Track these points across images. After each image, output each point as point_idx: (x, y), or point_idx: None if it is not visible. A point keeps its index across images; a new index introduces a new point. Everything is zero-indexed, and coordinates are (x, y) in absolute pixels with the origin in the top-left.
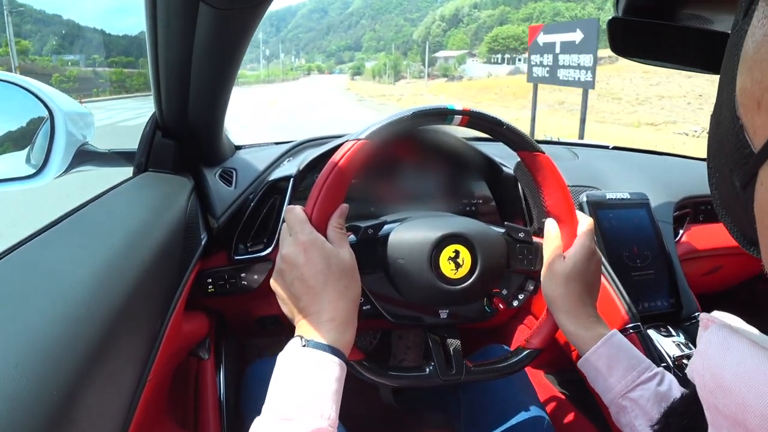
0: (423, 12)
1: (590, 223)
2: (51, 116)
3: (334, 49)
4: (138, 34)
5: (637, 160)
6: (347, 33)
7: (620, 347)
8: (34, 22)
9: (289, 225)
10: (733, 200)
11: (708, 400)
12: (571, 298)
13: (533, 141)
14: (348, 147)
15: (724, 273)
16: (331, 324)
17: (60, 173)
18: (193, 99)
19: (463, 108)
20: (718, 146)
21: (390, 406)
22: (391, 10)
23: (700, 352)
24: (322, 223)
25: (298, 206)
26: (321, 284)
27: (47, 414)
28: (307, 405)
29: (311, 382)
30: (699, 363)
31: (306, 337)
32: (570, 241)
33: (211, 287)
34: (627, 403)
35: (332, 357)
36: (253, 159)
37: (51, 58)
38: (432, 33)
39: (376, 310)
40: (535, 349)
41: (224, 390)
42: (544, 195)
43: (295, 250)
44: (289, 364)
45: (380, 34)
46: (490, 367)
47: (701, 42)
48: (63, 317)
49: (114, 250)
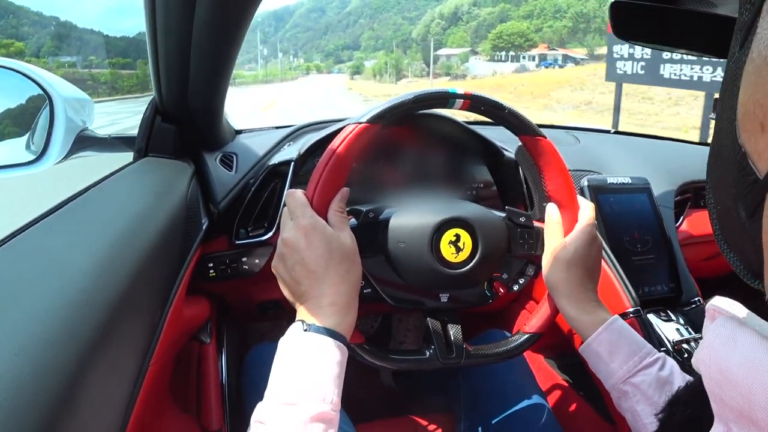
0: (421, 10)
1: (592, 208)
2: (51, 102)
3: (332, 49)
4: (136, 36)
5: (638, 145)
6: (345, 32)
7: (621, 333)
8: (31, 24)
9: (290, 209)
10: (738, 233)
11: (714, 391)
12: (572, 282)
13: (534, 125)
14: (349, 131)
15: (724, 258)
16: (332, 308)
17: (60, 159)
18: (192, 83)
19: (465, 92)
20: (718, 178)
21: (390, 389)
22: (389, 9)
23: (706, 345)
24: (323, 206)
25: (299, 190)
26: (322, 268)
27: (49, 401)
28: (310, 390)
29: (313, 367)
30: (705, 355)
31: (307, 321)
32: (571, 227)
33: (212, 272)
34: (628, 389)
35: (333, 341)
36: (253, 143)
37: (47, 60)
38: (431, 31)
39: (377, 294)
40: (535, 334)
41: (226, 374)
42: (545, 179)
43: (296, 234)
44: (290, 349)
45: (378, 33)
46: (489, 351)
47: (704, 25)
48: (64, 304)
49: (115, 235)
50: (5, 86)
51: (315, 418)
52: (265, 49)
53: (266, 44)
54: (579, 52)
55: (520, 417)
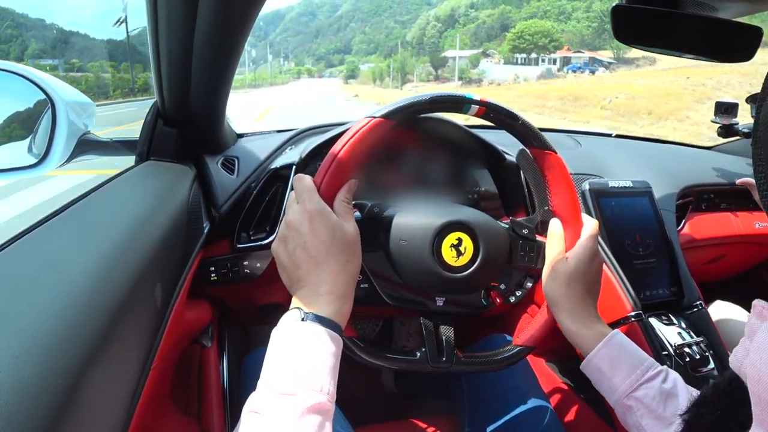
0: (414, 14)
1: (595, 226)
2: (52, 106)
3: (323, 53)
4: (122, 39)
5: (639, 149)
6: (336, 36)
7: (622, 347)
8: (16, 27)
9: (297, 193)
10: None
11: (761, 395)
12: (573, 297)
13: (546, 139)
14: (363, 123)
15: (726, 262)
16: (329, 297)
17: (62, 163)
18: (194, 87)
19: (481, 98)
20: None
21: (391, 392)
22: (381, 12)
23: (758, 346)
24: (330, 194)
25: (308, 175)
26: (323, 255)
27: (52, 403)
28: (306, 379)
29: (310, 357)
30: (756, 357)
31: (304, 309)
32: (573, 242)
33: (213, 275)
34: (632, 403)
35: (330, 332)
36: (255, 147)
37: (28, 63)
38: (427, 34)
39: (373, 289)
40: (527, 347)
41: (227, 377)
42: (551, 194)
43: (300, 218)
44: (287, 338)
45: (370, 36)
46: (479, 359)
47: (706, 29)
48: (65, 307)
49: (116, 239)
50: (7, 90)
51: (311, 409)
52: (253, 51)
53: (256, 48)
54: (604, 55)
55: (524, 421)
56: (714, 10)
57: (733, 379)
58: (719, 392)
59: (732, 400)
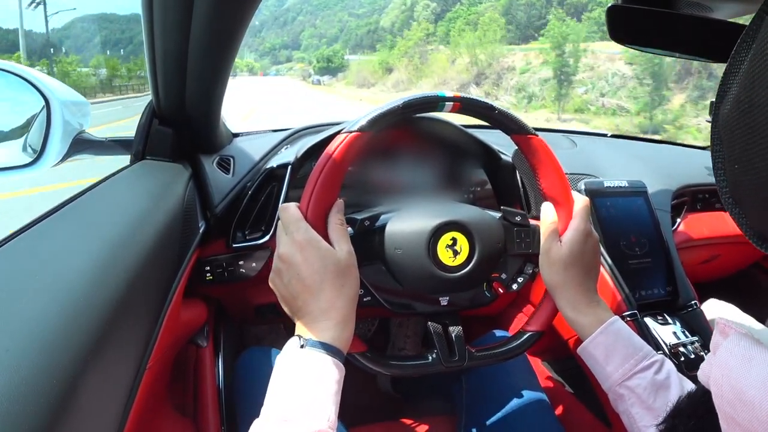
0: (368, 8)
1: (585, 202)
2: (47, 105)
3: (268, 48)
4: (50, 31)
5: (635, 149)
6: (283, 29)
7: (618, 336)
8: None
9: (285, 224)
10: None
11: (725, 411)
12: (571, 283)
13: (526, 124)
14: (340, 140)
15: (721, 262)
16: (329, 323)
17: (57, 162)
18: (190, 86)
19: (454, 94)
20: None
21: (388, 394)
22: (332, 5)
23: (719, 362)
24: (319, 219)
25: (293, 204)
26: (317, 283)
27: (47, 402)
28: (308, 407)
29: (311, 384)
30: (718, 373)
31: (304, 336)
32: (567, 222)
33: (209, 275)
34: (624, 392)
35: (331, 358)
36: (250, 147)
37: None
38: (417, 17)
39: (377, 302)
40: (536, 332)
41: (223, 377)
42: (539, 178)
43: (291, 250)
44: (288, 366)
45: (321, 30)
46: (492, 351)
47: (701, 30)
48: (62, 307)
49: (112, 238)
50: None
51: None
52: None
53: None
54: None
55: (523, 419)
56: (709, 11)
57: (707, 390)
58: (694, 403)
59: (706, 410)
